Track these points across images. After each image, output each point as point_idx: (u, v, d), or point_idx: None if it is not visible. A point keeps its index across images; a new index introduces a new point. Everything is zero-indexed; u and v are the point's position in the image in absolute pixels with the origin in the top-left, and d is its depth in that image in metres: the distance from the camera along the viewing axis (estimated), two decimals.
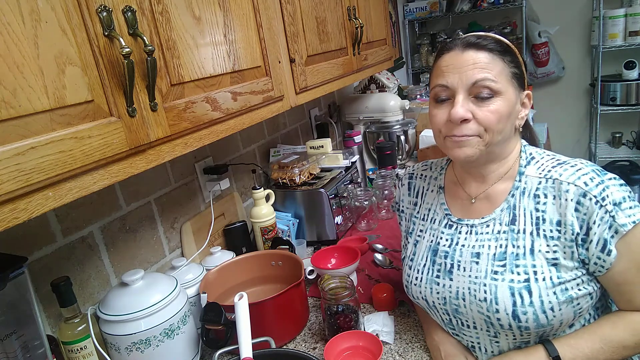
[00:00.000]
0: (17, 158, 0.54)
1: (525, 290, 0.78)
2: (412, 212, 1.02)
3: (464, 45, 0.81)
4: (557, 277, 0.78)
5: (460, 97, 0.79)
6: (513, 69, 0.81)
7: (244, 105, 0.99)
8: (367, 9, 1.76)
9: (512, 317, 0.78)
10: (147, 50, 0.69)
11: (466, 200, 0.92)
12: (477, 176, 0.90)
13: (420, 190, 1.02)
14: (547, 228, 0.80)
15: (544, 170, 0.83)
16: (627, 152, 3.46)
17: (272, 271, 1.26)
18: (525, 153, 0.88)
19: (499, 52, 0.80)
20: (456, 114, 0.78)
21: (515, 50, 0.83)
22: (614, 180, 0.78)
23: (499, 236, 0.84)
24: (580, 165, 0.80)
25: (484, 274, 0.83)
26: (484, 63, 0.78)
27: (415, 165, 1.07)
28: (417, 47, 3.70)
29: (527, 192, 0.83)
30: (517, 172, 0.86)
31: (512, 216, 0.84)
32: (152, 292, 0.95)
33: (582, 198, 0.76)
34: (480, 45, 0.80)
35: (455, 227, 0.91)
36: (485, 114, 0.79)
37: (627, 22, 3.12)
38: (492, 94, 0.78)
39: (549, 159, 0.86)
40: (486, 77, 0.78)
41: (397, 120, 2.23)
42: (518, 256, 0.81)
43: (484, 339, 0.86)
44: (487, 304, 0.81)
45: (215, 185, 1.40)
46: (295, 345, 1.09)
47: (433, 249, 0.92)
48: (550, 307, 0.77)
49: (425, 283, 0.91)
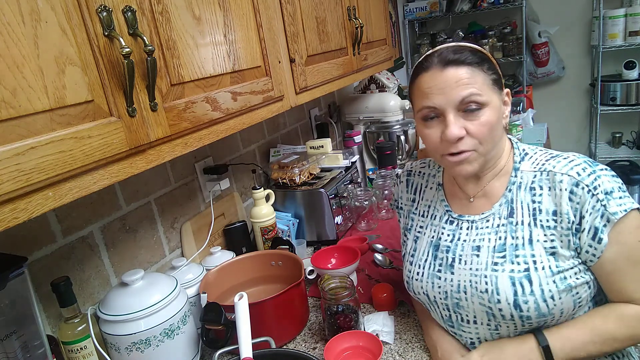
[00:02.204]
0: (17, 158, 0.54)
1: (525, 279, 0.79)
2: (410, 208, 1.03)
3: (442, 64, 0.80)
4: (555, 265, 0.79)
5: (450, 116, 0.80)
6: (492, 75, 0.82)
7: (244, 105, 0.99)
8: (367, 9, 1.76)
9: (514, 306, 0.79)
10: (147, 50, 0.69)
11: (465, 200, 0.93)
12: (473, 177, 0.91)
13: (419, 187, 1.03)
14: (543, 218, 0.81)
15: (538, 164, 0.85)
16: (627, 152, 3.47)
17: (272, 271, 1.26)
18: (518, 149, 0.90)
19: (477, 64, 0.80)
20: (451, 134, 0.79)
21: (489, 56, 0.84)
22: (606, 171, 0.80)
23: (499, 229, 0.86)
24: (572, 157, 0.83)
25: (485, 265, 0.84)
26: (466, 79, 0.79)
27: (414, 163, 1.08)
28: (417, 47, 3.70)
29: (524, 185, 0.85)
30: (512, 168, 0.88)
31: (510, 209, 0.86)
32: (152, 292, 0.95)
33: (575, 187, 0.78)
34: (459, 61, 0.80)
35: (457, 223, 0.92)
36: (478, 127, 0.80)
37: (627, 22, 3.12)
38: (480, 106, 0.80)
39: (542, 153, 0.88)
40: (472, 92, 0.79)
41: (397, 120, 2.23)
42: (517, 247, 0.82)
43: (484, 333, 0.87)
44: (488, 295, 0.82)
45: (215, 185, 1.40)
46: (295, 345, 1.09)
47: (435, 244, 0.93)
48: (551, 295, 0.78)
49: (426, 278, 0.92)
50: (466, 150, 0.81)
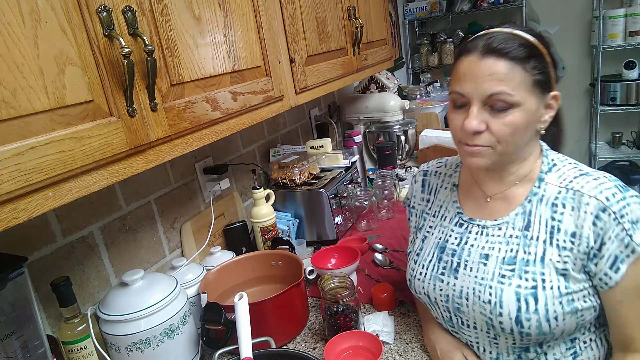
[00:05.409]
0: (17, 158, 0.54)
1: (531, 297, 0.77)
2: (424, 208, 1.01)
3: (484, 51, 0.76)
4: (565, 287, 0.77)
5: (475, 108, 0.77)
6: (536, 76, 0.76)
7: (244, 105, 0.99)
8: (367, 9, 1.76)
9: (515, 322, 0.78)
10: (147, 50, 0.69)
11: (481, 199, 0.90)
12: (494, 176, 0.88)
13: (434, 187, 1.01)
14: (561, 238, 0.78)
15: (565, 180, 0.81)
16: (627, 152, 3.47)
17: (272, 271, 1.26)
18: (547, 158, 0.85)
19: (521, 60, 0.75)
20: (469, 126, 0.77)
21: (543, 51, 0.77)
22: (636, 197, 0.76)
23: (511, 240, 0.83)
24: (603, 179, 0.78)
25: (491, 276, 0.82)
26: (502, 74, 0.74)
27: (430, 163, 1.06)
28: (417, 47, 3.71)
29: (545, 199, 0.82)
30: (537, 178, 0.84)
31: (526, 222, 0.82)
32: (152, 292, 0.95)
33: (602, 213, 0.75)
34: (501, 53, 0.74)
35: (466, 226, 0.90)
36: (500, 126, 0.76)
37: (627, 22, 3.12)
38: (508, 106, 0.75)
39: (571, 167, 0.83)
40: (502, 90, 0.74)
41: (397, 120, 2.23)
42: (528, 262, 0.79)
43: (483, 339, 0.86)
44: (490, 306, 0.80)
45: (215, 185, 1.40)
46: (295, 345, 1.09)
47: (441, 245, 0.92)
48: (555, 316, 0.76)
49: (429, 279, 0.91)
50: (482, 145, 0.79)
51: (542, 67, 0.77)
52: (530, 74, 0.76)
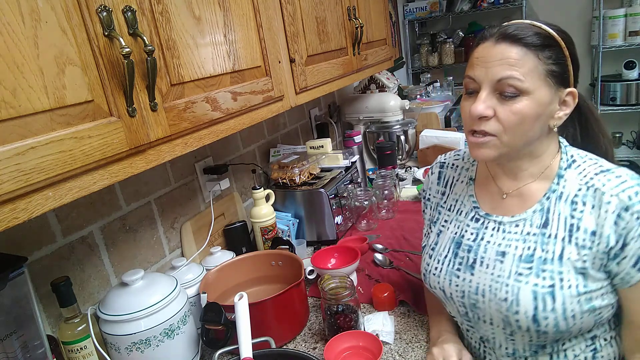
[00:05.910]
0: (17, 158, 0.54)
1: (549, 295, 0.76)
2: (439, 201, 1.00)
3: (498, 37, 0.75)
4: (583, 286, 0.76)
5: (484, 93, 0.76)
6: (550, 66, 0.74)
7: (244, 105, 0.99)
8: (367, 9, 1.76)
9: (532, 320, 0.77)
10: (147, 50, 0.69)
11: (497, 195, 0.88)
12: (508, 172, 0.87)
13: (450, 180, 1.00)
14: (580, 236, 0.76)
15: (585, 177, 0.79)
16: (627, 152, 3.47)
17: (272, 271, 1.26)
18: (567, 155, 0.83)
19: (535, 47, 0.73)
20: (475, 110, 0.76)
21: (561, 44, 0.76)
22: None
23: (528, 237, 0.81)
24: (625, 177, 0.76)
25: (508, 274, 0.81)
26: (513, 59, 0.73)
27: (447, 154, 1.05)
28: (417, 47, 3.71)
29: (565, 197, 0.80)
30: (556, 174, 0.82)
31: (544, 219, 0.81)
32: (152, 292, 0.95)
33: (624, 212, 0.73)
34: (516, 38, 0.74)
35: (482, 221, 0.88)
36: (507, 113, 0.75)
37: (627, 22, 3.12)
38: (518, 92, 0.74)
39: (592, 163, 0.81)
40: (511, 75, 0.73)
41: (397, 120, 2.24)
42: (546, 261, 0.78)
43: (499, 335, 0.85)
44: (507, 304, 0.79)
45: (215, 185, 1.40)
46: (295, 345, 1.09)
47: (457, 241, 0.90)
48: (572, 314, 0.75)
49: (444, 274, 0.89)
50: (488, 134, 0.77)
51: (558, 59, 0.75)
52: (544, 62, 0.74)
